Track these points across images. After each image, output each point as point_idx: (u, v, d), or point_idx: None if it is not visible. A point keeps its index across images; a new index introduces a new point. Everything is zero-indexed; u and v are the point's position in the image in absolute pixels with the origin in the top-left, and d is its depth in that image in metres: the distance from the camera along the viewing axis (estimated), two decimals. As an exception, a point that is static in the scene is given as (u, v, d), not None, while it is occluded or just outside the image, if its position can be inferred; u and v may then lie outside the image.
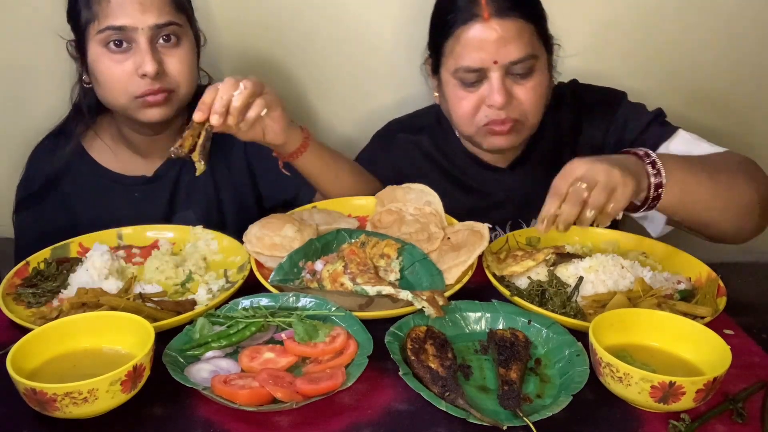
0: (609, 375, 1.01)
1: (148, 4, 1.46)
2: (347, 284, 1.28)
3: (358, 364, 1.06)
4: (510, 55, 1.45)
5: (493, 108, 1.48)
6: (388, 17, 1.92)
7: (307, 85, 1.99)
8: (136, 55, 1.47)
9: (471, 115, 1.52)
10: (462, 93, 1.51)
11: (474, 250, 1.35)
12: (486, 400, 1.03)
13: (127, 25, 1.45)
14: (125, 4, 1.45)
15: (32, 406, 0.98)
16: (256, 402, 0.99)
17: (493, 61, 1.45)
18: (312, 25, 1.93)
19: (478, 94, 1.50)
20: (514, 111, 1.50)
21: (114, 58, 1.49)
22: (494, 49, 1.44)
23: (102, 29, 1.46)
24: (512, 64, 1.46)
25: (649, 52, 1.98)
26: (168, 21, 1.49)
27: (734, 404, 1.02)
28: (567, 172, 1.21)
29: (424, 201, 1.51)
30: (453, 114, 1.57)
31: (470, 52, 1.46)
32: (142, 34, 1.46)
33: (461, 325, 1.20)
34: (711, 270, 1.32)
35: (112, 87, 1.51)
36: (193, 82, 1.57)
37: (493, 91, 1.47)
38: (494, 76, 1.46)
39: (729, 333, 1.19)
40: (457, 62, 1.49)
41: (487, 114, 1.50)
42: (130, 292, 1.28)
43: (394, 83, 1.98)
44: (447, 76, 1.53)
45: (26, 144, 1.74)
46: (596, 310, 1.22)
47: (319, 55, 1.96)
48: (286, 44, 1.94)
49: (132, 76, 1.49)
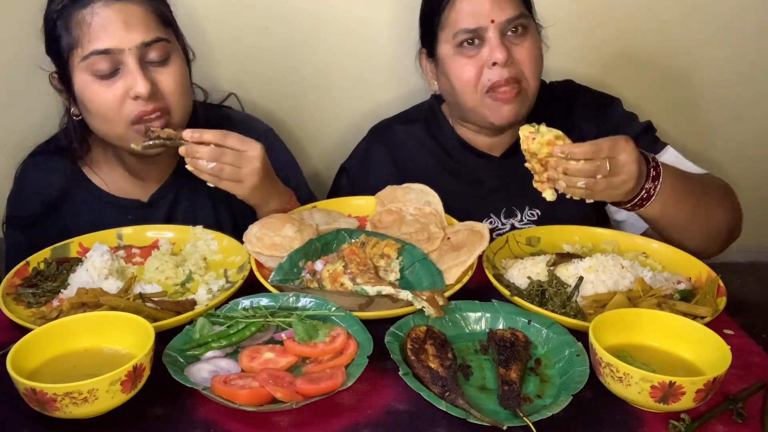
0: (609, 375, 1.01)
1: (133, 22, 1.39)
2: (347, 284, 1.28)
3: (358, 364, 1.06)
4: (505, 13, 1.52)
5: (495, 68, 1.53)
6: (385, 16, 1.93)
7: (306, 84, 1.99)
8: (126, 77, 1.40)
9: (474, 81, 1.56)
10: (463, 60, 1.56)
11: (474, 250, 1.35)
12: (486, 400, 1.03)
13: (113, 47, 1.38)
14: (108, 25, 1.38)
15: (32, 406, 0.98)
16: (256, 402, 0.99)
17: (490, 20, 1.52)
18: (309, 26, 1.93)
19: (478, 58, 1.55)
20: (515, 69, 1.54)
21: (102, 83, 1.41)
22: (489, 9, 1.52)
23: (86, 55, 1.39)
24: (508, 21, 1.53)
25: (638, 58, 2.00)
26: (155, 37, 1.41)
27: (734, 404, 1.02)
28: (619, 146, 1.26)
29: (424, 201, 1.51)
30: (456, 84, 1.59)
31: (468, 15, 1.53)
32: (130, 54, 1.39)
33: (461, 325, 1.20)
34: (711, 270, 1.32)
35: (106, 115, 1.44)
36: (188, 99, 1.51)
37: (493, 48, 1.52)
38: (492, 36, 1.52)
39: (729, 333, 1.20)
40: (455, 27, 1.55)
41: (490, 77, 1.54)
42: (130, 292, 1.28)
43: (392, 83, 1.99)
44: (446, 49, 1.58)
45: (25, 144, 1.73)
46: (596, 310, 1.22)
47: (317, 55, 1.96)
48: (284, 44, 1.94)
49: (124, 99, 1.41)
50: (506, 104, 1.56)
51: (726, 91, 2.06)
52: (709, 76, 2.04)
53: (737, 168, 2.06)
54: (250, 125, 1.68)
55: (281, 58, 1.96)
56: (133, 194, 1.63)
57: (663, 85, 2.05)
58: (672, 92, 2.06)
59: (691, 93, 2.07)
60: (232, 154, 1.36)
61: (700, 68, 2.03)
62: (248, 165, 1.38)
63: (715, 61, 2.03)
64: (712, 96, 2.07)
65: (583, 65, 1.97)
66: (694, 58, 2.02)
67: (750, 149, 2.11)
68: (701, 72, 2.04)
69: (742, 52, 2.02)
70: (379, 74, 1.99)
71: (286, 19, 1.91)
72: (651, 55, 2.01)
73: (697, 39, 2.00)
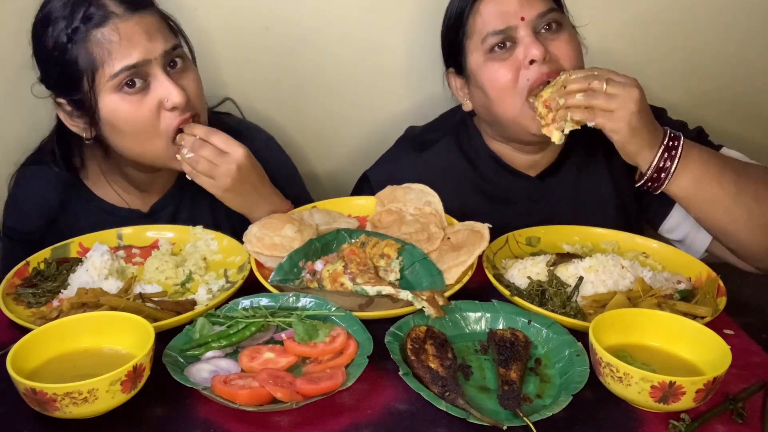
0: (609, 375, 1.01)
1: (152, 31, 1.38)
2: (347, 284, 1.28)
3: (358, 364, 1.06)
4: (535, 8, 1.43)
5: (533, 66, 1.42)
6: (399, 22, 1.89)
7: (307, 88, 1.97)
8: (157, 89, 1.37)
9: (512, 85, 1.45)
10: (496, 65, 1.46)
11: (474, 251, 1.35)
12: (486, 400, 1.03)
13: (141, 59, 1.35)
14: (133, 37, 1.35)
15: (32, 406, 0.98)
16: (256, 402, 0.99)
17: (520, 18, 1.43)
18: (322, 31, 1.91)
19: (512, 60, 1.44)
20: (554, 65, 1.43)
21: (134, 101, 1.37)
22: (517, 6, 1.43)
23: (116, 73, 1.34)
24: (539, 17, 1.44)
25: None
26: (174, 44, 1.42)
27: (734, 404, 1.02)
28: (621, 74, 1.28)
29: (424, 201, 1.51)
30: (492, 93, 1.48)
31: (494, 17, 1.45)
32: (156, 64, 1.37)
33: (461, 325, 1.20)
34: (711, 270, 1.32)
35: (143, 132, 1.40)
36: (206, 106, 1.52)
37: (528, 46, 1.42)
38: (525, 34, 1.43)
39: (729, 333, 1.20)
40: (483, 31, 1.46)
41: (529, 76, 1.43)
42: (130, 292, 1.28)
43: (406, 89, 1.96)
44: (476, 57, 1.49)
45: (25, 144, 1.72)
46: (596, 310, 1.22)
47: (319, 58, 1.94)
48: (284, 46, 1.92)
49: (158, 112, 1.39)
50: None
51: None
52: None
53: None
54: (251, 134, 1.66)
55: (281, 60, 1.95)
56: (132, 205, 1.61)
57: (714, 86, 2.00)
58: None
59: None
60: (212, 149, 1.40)
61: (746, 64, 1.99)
62: (224, 165, 1.40)
63: None
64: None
65: None
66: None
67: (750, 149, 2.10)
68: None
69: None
70: (384, 78, 1.96)
71: (286, 21, 1.90)
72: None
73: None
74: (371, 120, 1.99)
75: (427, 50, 1.68)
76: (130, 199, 1.61)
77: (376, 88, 1.96)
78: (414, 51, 1.90)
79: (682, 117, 1.62)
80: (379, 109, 1.98)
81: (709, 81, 1.98)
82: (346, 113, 1.99)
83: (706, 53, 1.96)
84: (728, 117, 1.99)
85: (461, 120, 1.66)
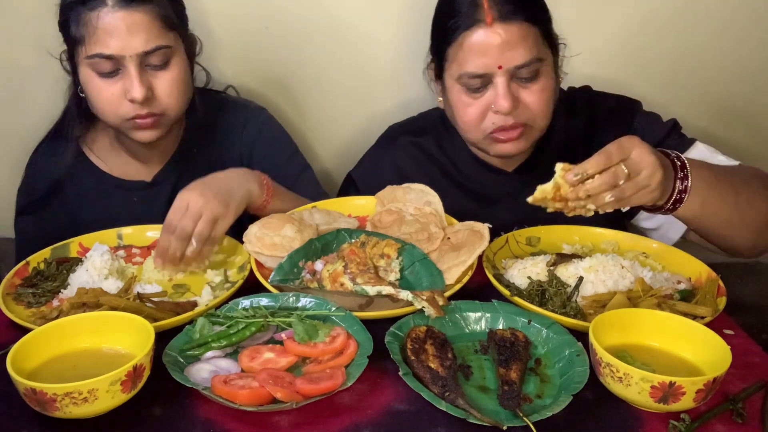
0: (609, 375, 1.01)
1: (135, 29, 1.43)
2: (347, 284, 1.28)
3: (358, 364, 1.06)
4: (515, 59, 1.43)
5: (500, 114, 1.46)
6: (388, 21, 1.91)
7: (308, 88, 1.99)
8: (125, 79, 1.46)
9: (477, 122, 1.49)
10: (467, 99, 1.49)
11: (474, 250, 1.35)
12: (486, 400, 1.03)
13: (115, 53, 1.43)
14: (112, 31, 1.42)
15: (32, 406, 0.98)
16: (256, 402, 0.99)
17: (498, 66, 1.43)
18: (312, 29, 1.92)
19: (483, 100, 1.47)
20: (521, 115, 1.47)
21: (103, 81, 1.47)
22: (498, 54, 1.42)
23: (90, 55, 1.44)
24: (517, 68, 1.44)
25: (662, 59, 1.95)
26: (156, 46, 1.45)
27: (734, 404, 1.02)
28: (624, 147, 1.17)
29: (424, 201, 1.51)
30: (459, 120, 1.53)
31: (474, 58, 1.44)
32: (131, 60, 1.44)
33: (461, 325, 1.20)
34: (711, 270, 1.32)
35: (103, 108, 1.51)
36: (185, 97, 1.56)
37: (498, 96, 1.44)
38: (499, 81, 1.44)
39: (729, 333, 1.20)
40: (461, 68, 1.46)
41: (494, 121, 1.47)
42: (130, 292, 1.28)
43: (395, 87, 1.97)
44: (451, 82, 1.51)
45: (26, 144, 1.74)
46: (596, 310, 1.22)
47: (320, 58, 1.95)
48: (286, 47, 1.93)
49: (121, 99, 1.47)
50: (509, 142, 1.50)
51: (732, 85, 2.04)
52: (727, 70, 2.00)
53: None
54: (245, 104, 1.77)
55: (281, 59, 1.95)
56: (137, 176, 1.68)
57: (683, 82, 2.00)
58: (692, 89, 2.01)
59: (707, 91, 2.02)
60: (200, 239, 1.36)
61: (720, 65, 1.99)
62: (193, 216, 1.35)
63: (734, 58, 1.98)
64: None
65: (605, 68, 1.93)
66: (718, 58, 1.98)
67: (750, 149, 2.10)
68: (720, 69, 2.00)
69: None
70: (382, 80, 1.96)
71: (286, 21, 1.91)
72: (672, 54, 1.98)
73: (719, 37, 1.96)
74: (360, 119, 2.00)
75: (417, 49, 1.69)
76: (133, 171, 1.68)
77: (364, 87, 1.98)
78: (403, 50, 1.91)
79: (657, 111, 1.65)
80: (367, 109, 2.00)
81: (691, 80, 1.99)
82: (333, 113, 2.01)
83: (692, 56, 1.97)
84: (707, 116, 2.01)
85: (440, 119, 1.69)
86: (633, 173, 1.16)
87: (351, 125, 2.01)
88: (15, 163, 1.75)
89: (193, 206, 1.33)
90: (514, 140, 1.49)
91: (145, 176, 1.69)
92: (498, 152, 1.53)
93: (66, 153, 1.65)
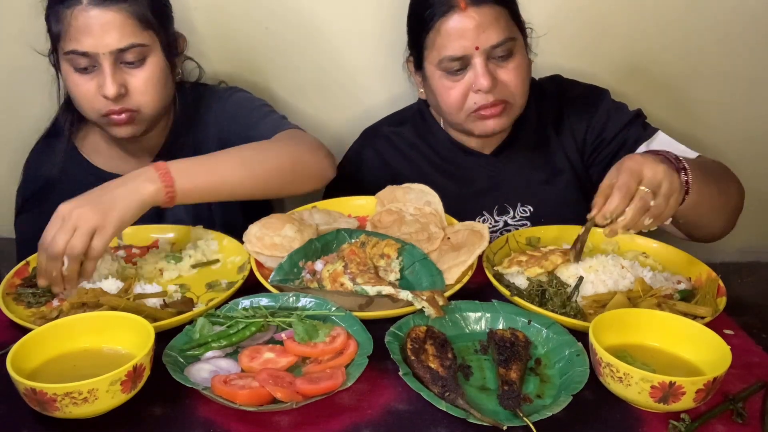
0: (609, 375, 1.01)
1: (108, 27, 1.44)
2: (347, 284, 1.28)
3: (358, 364, 1.06)
4: (490, 39, 1.51)
5: (480, 92, 1.53)
6: (373, 17, 1.92)
7: (297, 84, 1.99)
8: (99, 76, 1.48)
9: (460, 103, 1.57)
10: (448, 83, 1.56)
11: (474, 251, 1.35)
12: (486, 400, 1.03)
13: (89, 51, 1.45)
14: (86, 29, 1.44)
15: (32, 406, 0.98)
16: (256, 402, 0.99)
17: (475, 47, 1.51)
18: (308, 28, 1.92)
19: (464, 81, 1.55)
20: (500, 93, 1.55)
21: (80, 76, 1.50)
22: (474, 36, 1.51)
23: (67, 52, 1.47)
24: (493, 47, 1.52)
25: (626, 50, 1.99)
26: (130, 44, 1.47)
27: (734, 404, 1.02)
28: (634, 171, 1.21)
29: (424, 201, 1.52)
30: (442, 104, 1.60)
31: (452, 41, 1.52)
32: (104, 58, 1.46)
33: (461, 325, 1.20)
34: (711, 270, 1.32)
35: (80, 103, 1.53)
36: (161, 95, 1.56)
37: (478, 75, 1.52)
38: (477, 62, 1.52)
39: (729, 333, 1.20)
40: (441, 53, 1.54)
41: (476, 100, 1.55)
42: (130, 292, 1.28)
43: (382, 83, 1.98)
44: (431, 69, 1.58)
45: (24, 144, 1.74)
46: (596, 310, 1.22)
47: (315, 56, 1.96)
48: (273, 44, 1.94)
49: (96, 95, 1.49)
50: (491, 119, 1.57)
51: (723, 93, 2.05)
52: (706, 79, 2.03)
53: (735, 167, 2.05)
54: (216, 90, 1.76)
55: (279, 59, 1.96)
56: (128, 170, 1.61)
57: (661, 87, 2.05)
58: (670, 94, 2.05)
59: (688, 96, 2.06)
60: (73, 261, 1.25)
61: (697, 72, 2.02)
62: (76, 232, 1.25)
63: (712, 65, 2.02)
64: (710, 98, 2.06)
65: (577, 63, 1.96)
66: (692, 63, 2.01)
67: (749, 150, 2.10)
68: (697, 75, 2.03)
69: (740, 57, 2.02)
70: (369, 77, 1.99)
71: (285, 21, 1.91)
72: (649, 58, 2.01)
73: (695, 43, 1.99)
74: (352, 119, 2.00)
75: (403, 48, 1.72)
76: (126, 166, 1.66)
77: (355, 87, 2.00)
78: (394, 50, 1.89)
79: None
80: (359, 108, 2.01)
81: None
82: (325, 113, 2.02)
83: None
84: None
85: (418, 110, 1.78)
86: (655, 189, 1.21)
87: (345, 124, 2.01)
88: (15, 164, 1.76)
89: (68, 220, 1.23)
90: (497, 116, 1.56)
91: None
92: (482, 130, 1.59)
93: (60, 150, 1.67)
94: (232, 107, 1.69)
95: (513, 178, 1.70)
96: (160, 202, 1.32)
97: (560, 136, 1.70)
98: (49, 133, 1.71)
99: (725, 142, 2.04)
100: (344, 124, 2.01)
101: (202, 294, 1.33)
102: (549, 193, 1.68)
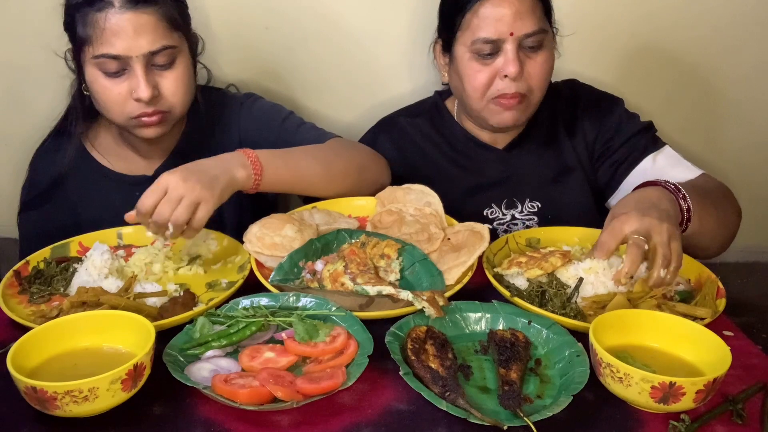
0: (609, 375, 1.01)
1: (142, 30, 1.44)
2: (348, 284, 1.28)
3: (359, 364, 1.06)
4: (525, 27, 1.53)
5: (506, 79, 1.56)
6: (390, 11, 1.93)
7: (310, 79, 2.00)
8: (131, 79, 1.47)
9: (485, 87, 1.59)
10: (477, 65, 1.58)
11: (474, 251, 1.35)
12: (486, 400, 1.03)
13: (122, 54, 1.44)
14: (119, 32, 1.43)
15: (32, 404, 0.98)
16: (256, 401, 0.99)
17: (510, 33, 1.53)
18: (311, 25, 1.93)
19: (492, 66, 1.57)
20: (522, 85, 1.57)
21: (109, 80, 1.48)
22: (511, 21, 1.53)
23: (97, 56, 1.46)
24: (526, 36, 1.54)
25: (648, 65, 2.01)
26: (162, 46, 1.47)
27: (734, 405, 1.02)
28: (641, 230, 1.25)
29: (424, 202, 1.52)
30: (467, 86, 1.61)
31: (488, 24, 1.54)
32: (137, 60, 1.45)
33: (461, 325, 1.20)
34: (710, 272, 1.32)
35: (109, 107, 1.52)
36: (188, 97, 1.58)
37: (508, 61, 1.54)
38: (509, 48, 1.54)
39: (729, 334, 1.20)
40: (475, 34, 1.56)
41: (500, 87, 1.57)
42: (131, 292, 1.28)
43: (395, 79, 2.00)
44: (462, 50, 1.60)
45: (27, 144, 1.74)
46: (596, 311, 1.22)
47: (318, 55, 1.96)
48: (288, 37, 1.94)
49: (127, 98, 1.49)
50: (508, 110, 1.59)
51: (733, 92, 2.05)
52: (717, 76, 2.03)
53: (737, 168, 2.05)
54: (238, 96, 1.78)
55: (282, 57, 1.96)
56: (138, 171, 1.69)
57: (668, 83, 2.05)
58: (676, 90, 2.05)
59: (695, 92, 2.06)
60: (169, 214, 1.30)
61: (708, 69, 2.02)
62: (179, 204, 1.29)
63: (728, 63, 2.02)
64: (719, 96, 2.06)
65: (593, 69, 1.97)
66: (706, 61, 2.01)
67: (751, 150, 2.11)
68: (709, 72, 2.03)
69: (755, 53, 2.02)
70: (383, 72, 2.00)
71: (287, 19, 1.92)
72: (664, 58, 2.02)
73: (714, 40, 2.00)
74: (361, 115, 2.01)
75: (415, 48, 1.76)
76: (135, 166, 1.69)
77: (364, 85, 2.01)
78: (402, 48, 1.95)
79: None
80: (367, 105, 2.02)
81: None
82: (333, 110, 2.03)
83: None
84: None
85: (434, 103, 1.82)
86: (666, 237, 1.24)
87: (348, 123, 2.02)
88: (17, 163, 1.76)
89: (174, 190, 1.28)
90: (513, 109, 1.59)
91: (146, 171, 1.69)
92: (497, 121, 1.62)
93: (68, 149, 1.66)
94: (260, 113, 1.71)
95: (523, 174, 1.73)
96: (247, 187, 1.39)
97: (572, 138, 1.72)
98: (56, 133, 1.71)
99: (729, 142, 2.04)
100: (350, 122, 2.02)
101: (203, 294, 1.33)
102: (557, 191, 1.71)
